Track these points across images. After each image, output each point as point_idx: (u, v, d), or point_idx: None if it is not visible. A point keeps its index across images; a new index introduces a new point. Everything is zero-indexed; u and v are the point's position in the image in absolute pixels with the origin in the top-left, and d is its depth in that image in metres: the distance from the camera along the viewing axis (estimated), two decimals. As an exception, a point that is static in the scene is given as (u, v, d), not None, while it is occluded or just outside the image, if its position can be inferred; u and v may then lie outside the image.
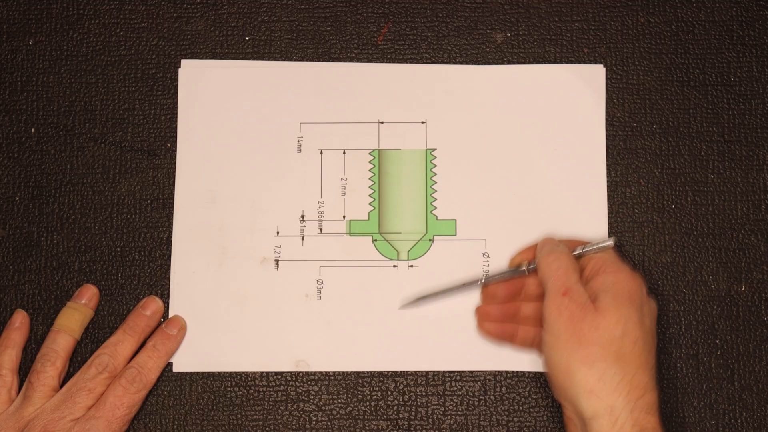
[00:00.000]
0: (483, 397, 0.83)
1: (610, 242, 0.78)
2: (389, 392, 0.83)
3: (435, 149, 0.86)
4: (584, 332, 0.72)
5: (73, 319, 0.82)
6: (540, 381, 0.83)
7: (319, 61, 0.87)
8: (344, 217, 0.85)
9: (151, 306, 0.83)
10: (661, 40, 0.87)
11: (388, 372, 0.83)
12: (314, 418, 0.83)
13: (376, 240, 0.85)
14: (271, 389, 0.83)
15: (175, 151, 0.86)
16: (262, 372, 0.83)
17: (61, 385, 0.80)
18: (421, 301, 0.83)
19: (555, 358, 0.73)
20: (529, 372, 0.83)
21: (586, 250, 0.78)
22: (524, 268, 0.80)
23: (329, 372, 0.83)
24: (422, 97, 0.86)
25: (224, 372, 0.83)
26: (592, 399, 0.71)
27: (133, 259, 0.85)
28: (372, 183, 0.86)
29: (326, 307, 0.84)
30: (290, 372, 0.83)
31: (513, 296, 0.81)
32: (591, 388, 0.71)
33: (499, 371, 0.83)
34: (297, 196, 0.85)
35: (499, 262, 0.84)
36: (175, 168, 0.86)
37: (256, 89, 0.87)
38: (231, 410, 0.83)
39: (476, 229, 0.85)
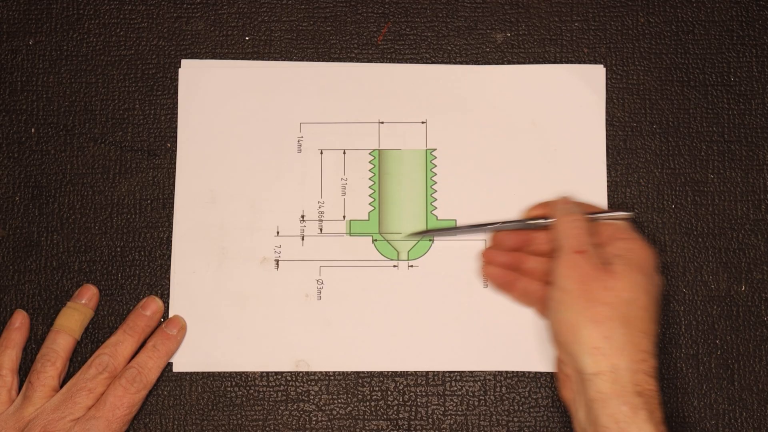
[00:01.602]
0: (483, 397, 0.83)
1: (628, 214, 0.79)
2: (389, 392, 0.83)
3: (435, 149, 0.86)
4: (595, 292, 0.73)
5: (73, 319, 0.82)
6: (540, 381, 0.83)
7: (319, 61, 0.87)
8: (344, 217, 0.85)
9: (151, 306, 0.83)
10: (661, 40, 0.87)
11: (388, 372, 0.83)
12: (314, 418, 0.83)
13: (376, 240, 0.85)
14: (271, 389, 0.83)
15: (175, 151, 0.86)
16: (262, 372, 0.83)
17: (61, 385, 0.80)
18: (430, 233, 0.84)
19: (562, 315, 0.74)
20: (529, 372, 0.83)
21: (602, 216, 0.78)
22: (539, 222, 0.80)
23: (329, 372, 0.83)
24: (422, 97, 0.86)
25: (224, 372, 0.83)
26: (597, 356, 0.72)
27: (133, 259, 0.85)
28: (372, 183, 0.86)
29: (326, 307, 0.84)
30: (290, 372, 0.83)
31: (520, 247, 0.82)
32: (596, 346, 0.72)
33: (499, 371, 0.83)
34: (297, 196, 0.85)
35: (499, 262, 0.84)
36: (175, 168, 0.86)
37: (256, 89, 0.87)
38: (231, 410, 0.83)
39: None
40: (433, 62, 0.87)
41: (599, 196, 0.85)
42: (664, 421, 0.72)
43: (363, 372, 0.83)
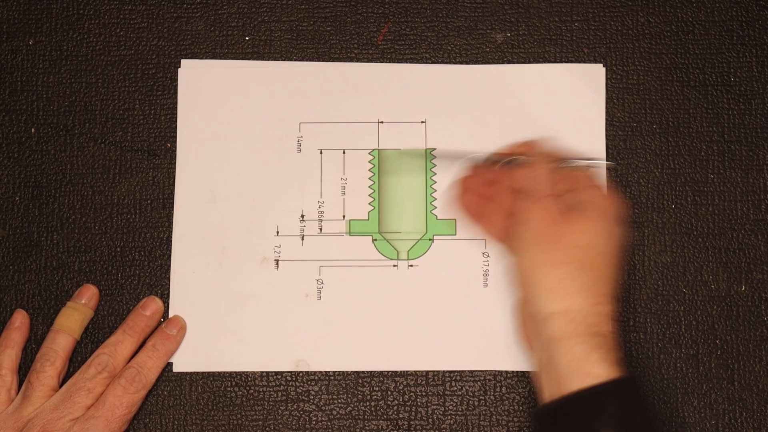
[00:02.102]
0: (483, 397, 0.83)
1: (602, 162, 0.80)
2: (389, 392, 0.83)
3: (435, 149, 0.86)
4: (552, 237, 0.74)
5: (72, 319, 0.82)
6: (540, 381, 0.83)
7: (319, 61, 0.87)
8: (344, 216, 0.85)
9: (151, 306, 0.83)
10: (661, 40, 0.87)
11: (388, 372, 0.83)
12: (314, 418, 0.83)
13: (376, 240, 0.85)
14: (271, 389, 0.83)
15: (175, 151, 0.86)
16: (262, 372, 0.83)
17: (61, 385, 0.80)
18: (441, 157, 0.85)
19: (522, 257, 0.75)
20: (529, 372, 0.83)
21: (574, 163, 0.80)
22: (515, 159, 0.80)
23: (329, 372, 0.83)
24: (422, 97, 0.86)
25: (224, 372, 0.83)
26: (552, 297, 0.73)
27: (133, 259, 0.85)
28: (372, 183, 0.86)
29: (326, 307, 0.84)
30: (290, 372, 0.83)
31: (496, 181, 0.82)
32: (552, 287, 0.73)
33: (499, 371, 0.83)
34: (297, 196, 0.85)
35: (500, 262, 0.84)
36: (175, 168, 0.86)
37: (256, 89, 0.87)
38: (231, 410, 0.83)
39: (476, 228, 0.85)
40: (433, 62, 0.87)
41: (599, 196, 0.85)
42: (622, 362, 0.72)
43: (363, 372, 0.83)
